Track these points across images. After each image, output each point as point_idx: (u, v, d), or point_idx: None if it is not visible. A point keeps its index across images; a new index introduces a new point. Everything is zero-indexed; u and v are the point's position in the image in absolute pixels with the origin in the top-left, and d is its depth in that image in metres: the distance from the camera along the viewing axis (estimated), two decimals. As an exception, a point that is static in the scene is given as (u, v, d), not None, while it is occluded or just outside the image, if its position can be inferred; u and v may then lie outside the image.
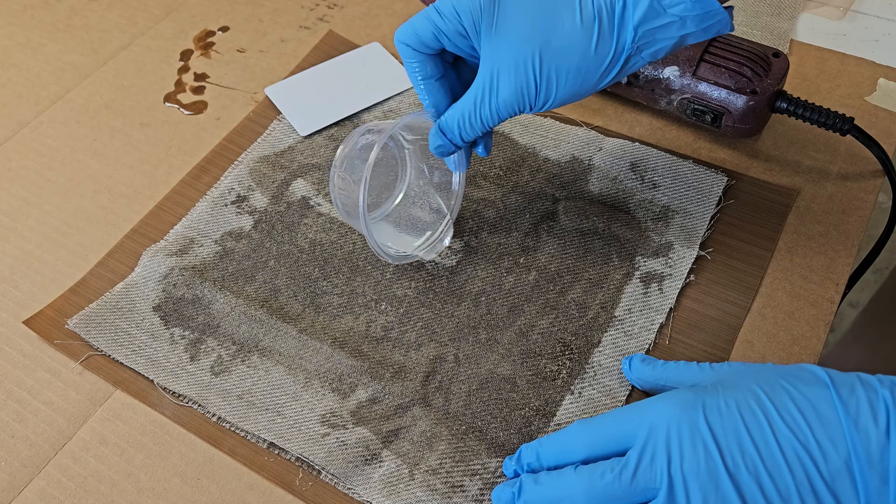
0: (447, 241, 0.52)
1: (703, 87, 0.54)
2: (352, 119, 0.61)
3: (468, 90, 0.44)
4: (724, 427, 0.36)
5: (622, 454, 0.38)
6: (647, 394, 0.46)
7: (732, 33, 0.56)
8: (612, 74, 0.42)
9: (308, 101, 0.62)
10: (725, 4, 0.42)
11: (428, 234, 0.52)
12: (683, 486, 0.35)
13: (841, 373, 0.37)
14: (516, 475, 0.42)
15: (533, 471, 0.41)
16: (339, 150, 0.49)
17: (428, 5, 0.65)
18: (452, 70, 0.47)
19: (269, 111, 0.63)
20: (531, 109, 0.44)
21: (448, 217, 0.52)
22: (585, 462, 0.39)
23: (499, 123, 0.45)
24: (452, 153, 0.48)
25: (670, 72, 0.55)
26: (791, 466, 0.34)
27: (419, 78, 0.45)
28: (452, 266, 0.52)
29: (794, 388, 0.36)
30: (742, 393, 0.37)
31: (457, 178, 0.52)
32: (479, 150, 0.48)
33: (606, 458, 0.38)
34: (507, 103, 0.43)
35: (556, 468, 0.40)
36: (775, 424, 0.35)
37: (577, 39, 0.41)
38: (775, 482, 0.34)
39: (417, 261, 0.51)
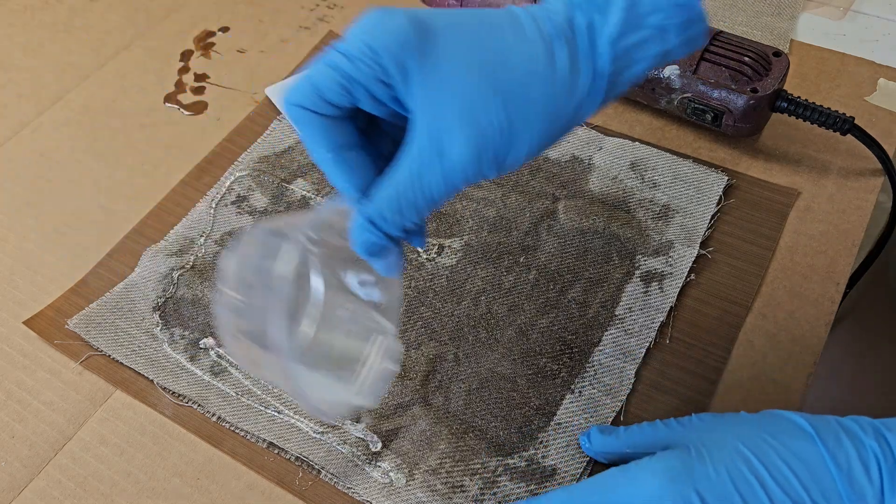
0: (394, 366, 0.38)
1: (704, 87, 0.54)
2: None
3: (398, 159, 0.32)
4: (717, 497, 0.34)
5: None
6: (647, 391, 0.46)
7: (733, 33, 0.56)
8: (589, 107, 0.33)
9: None
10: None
11: (364, 365, 0.38)
12: None
13: (818, 418, 0.36)
14: None
15: None
16: (227, 265, 0.34)
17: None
18: (365, 138, 0.34)
19: (269, 111, 0.63)
20: (495, 171, 0.32)
21: (389, 333, 0.38)
22: None
23: (451, 198, 0.33)
24: (384, 251, 0.34)
25: (671, 71, 0.55)
26: None
27: (325, 151, 0.33)
28: (452, 265, 0.52)
29: (780, 443, 0.35)
30: (730, 456, 0.35)
31: (397, 289, 0.38)
32: (416, 241, 0.35)
33: None
34: (462, 166, 0.31)
35: None
36: (770, 490, 0.34)
37: (538, 69, 0.31)
38: None
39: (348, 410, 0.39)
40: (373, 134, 0.35)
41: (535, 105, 0.32)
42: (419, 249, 0.52)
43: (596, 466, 0.43)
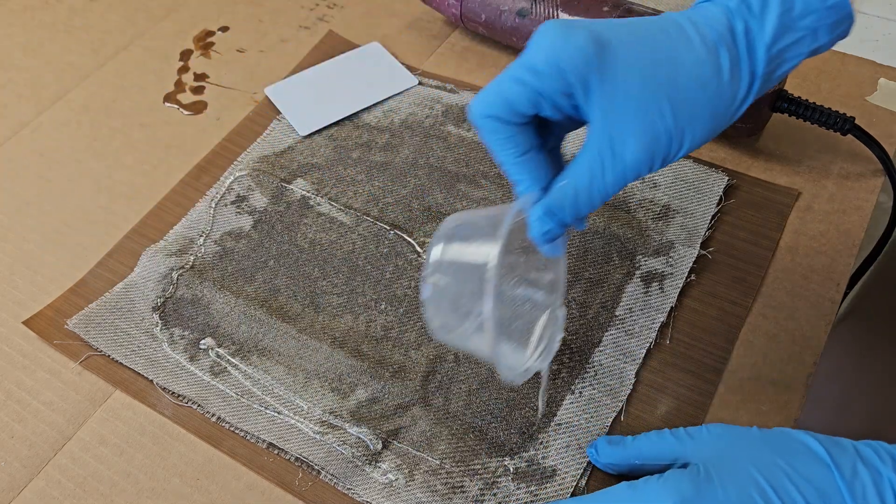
0: (560, 336, 0.42)
1: (704, 87, 0.54)
2: (351, 119, 0.61)
3: (577, 159, 0.36)
4: None
5: None
6: (647, 391, 0.46)
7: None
8: (743, 107, 0.36)
9: (308, 100, 0.62)
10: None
11: (537, 334, 0.42)
12: None
13: (834, 442, 0.35)
14: None
15: None
16: (432, 254, 0.38)
17: (451, 17, 0.64)
18: (540, 139, 0.37)
19: (268, 111, 0.63)
20: (660, 167, 0.36)
21: (557, 304, 0.42)
22: None
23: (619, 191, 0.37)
24: (559, 237, 0.38)
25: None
26: None
27: (514, 155, 0.36)
28: (452, 266, 0.52)
29: (793, 469, 0.34)
30: (741, 482, 0.34)
31: (562, 264, 0.41)
32: (580, 225, 0.38)
33: None
34: (635, 166, 0.35)
35: None
36: None
37: (704, 75, 0.34)
38: None
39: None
40: (543, 132, 0.37)
41: (701, 110, 0.34)
42: (419, 251, 0.52)
43: (596, 468, 0.43)
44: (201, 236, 0.55)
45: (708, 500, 0.34)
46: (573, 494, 0.42)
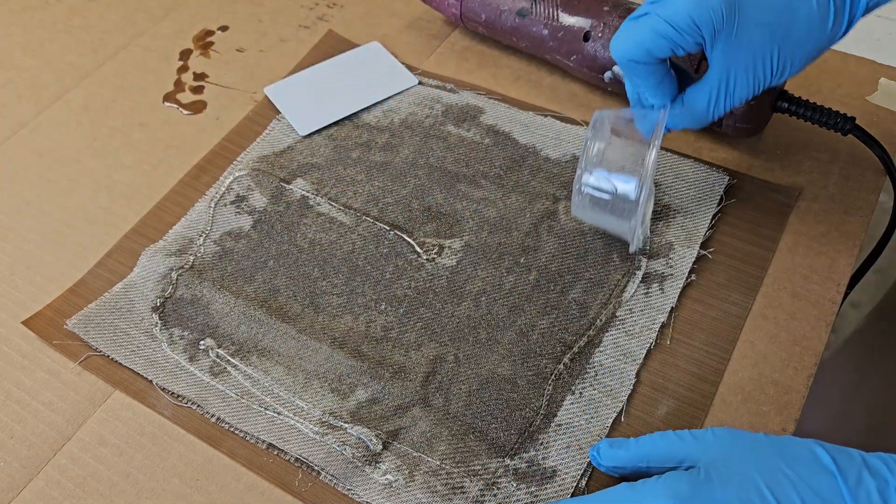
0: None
1: (704, 87, 0.54)
2: (351, 118, 0.61)
3: (697, 88, 0.45)
4: None
5: None
6: (648, 389, 0.46)
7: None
8: (833, 43, 0.44)
9: (307, 100, 0.62)
10: None
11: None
12: None
13: (842, 451, 0.35)
14: None
15: None
16: (591, 147, 0.47)
17: (451, 16, 0.64)
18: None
19: (268, 111, 0.63)
20: (758, 92, 0.45)
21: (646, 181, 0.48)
22: None
23: None
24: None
25: (671, 71, 0.55)
26: None
27: (655, 84, 0.45)
28: (452, 266, 0.52)
29: (797, 475, 0.34)
30: (741, 484, 0.34)
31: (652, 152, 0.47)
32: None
33: None
34: (742, 98, 0.44)
35: None
36: None
37: (813, 27, 0.42)
38: None
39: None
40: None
41: (803, 52, 0.43)
42: (418, 251, 0.52)
43: (598, 471, 0.43)
44: (201, 236, 0.55)
45: (705, 500, 0.34)
46: (573, 495, 0.42)
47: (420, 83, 0.63)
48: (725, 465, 0.35)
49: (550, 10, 0.59)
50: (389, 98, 0.62)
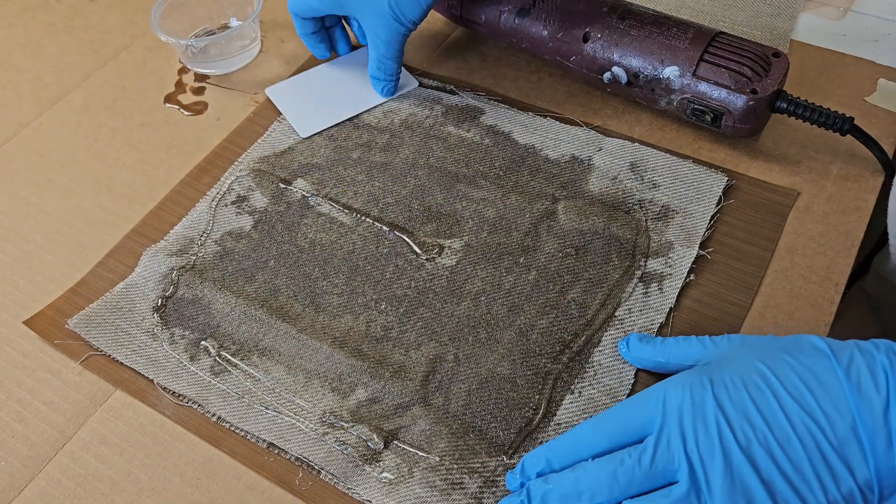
0: None
1: (703, 87, 0.54)
2: (352, 120, 0.61)
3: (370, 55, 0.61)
4: (732, 404, 0.37)
5: (638, 443, 0.39)
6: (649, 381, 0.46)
7: (732, 33, 0.56)
8: None
9: (308, 102, 0.62)
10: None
11: None
12: (701, 465, 0.36)
13: (838, 341, 0.38)
14: (522, 487, 0.41)
15: (542, 476, 0.41)
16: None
17: (451, 17, 0.66)
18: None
19: (269, 112, 0.63)
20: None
21: None
22: (598, 457, 0.40)
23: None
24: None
25: (670, 72, 0.55)
26: (800, 436, 0.36)
27: (308, 40, 0.64)
28: (452, 265, 0.52)
29: (795, 359, 0.37)
30: (746, 368, 0.38)
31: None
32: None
33: (622, 448, 0.39)
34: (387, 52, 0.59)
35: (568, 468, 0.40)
36: (781, 397, 0.36)
37: None
38: (787, 452, 0.36)
39: None
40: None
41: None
42: (418, 251, 0.52)
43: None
44: (202, 236, 0.55)
45: (715, 382, 0.38)
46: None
47: (420, 85, 0.63)
48: (733, 356, 0.40)
49: (550, 11, 0.60)
50: (389, 100, 0.62)
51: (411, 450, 0.44)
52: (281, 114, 0.62)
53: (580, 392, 0.46)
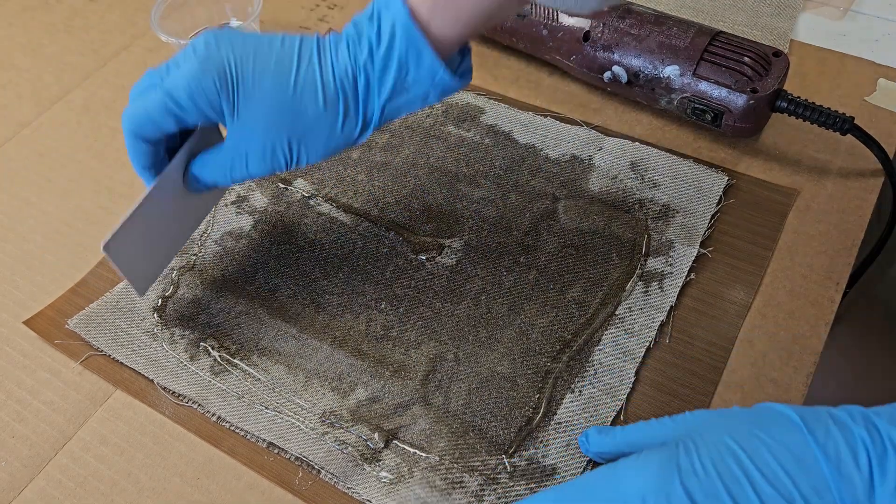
0: None
1: (704, 86, 0.54)
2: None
3: (218, 150, 0.45)
4: (704, 492, 0.34)
5: None
6: (648, 391, 0.46)
7: (733, 33, 0.56)
8: (360, 140, 0.44)
9: (141, 248, 0.47)
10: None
11: None
12: None
13: (809, 409, 0.35)
14: None
15: None
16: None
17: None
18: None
19: (269, 111, 0.63)
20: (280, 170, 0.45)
21: None
22: None
23: None
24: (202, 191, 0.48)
25: (670, 71, 0.55)
26: None
27: (143, 164, 0.45)
28: (452, 265, 0.52)
29: (768, 435, 0.34)
30: (716, 450, 0.35)
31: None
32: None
33: None
34: (259, 174, 0.44)
35: None
36: (756, 483, 0.33)
37: (322, 123, 0.42)
38: None
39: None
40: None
41: (315, 145, 0.43)
42: (412, 255, 0.52)
43: (596, 466, 0.43)
44: (201, 236, 0.55)
45: (683, 468, 0.35)
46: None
47: None
48: (700, 436, 0.36)
49: (550, 11, 0.60)
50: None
51: (411, 449, 0.44)
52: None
53: (580, 391, 0.46)
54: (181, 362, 0.48)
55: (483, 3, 0.41)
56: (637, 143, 0.58)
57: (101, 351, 0.49)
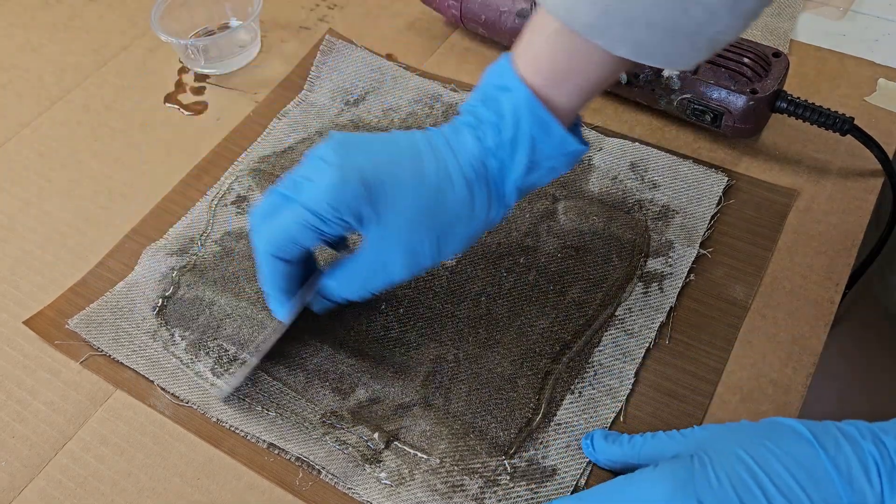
0: None
1: (703, 87, 0.54)
2: (352, 121, 0.61)
3: (353, 263, 0.43)
4: None
5: None
6: (640, 401, 0.46)
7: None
8: (494, 224, 0.44)
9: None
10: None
11: None
12: None
13: (817, 423, 0.36)
14: None
15: None
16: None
17: (451, 17, 0.63)
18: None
19: (269, 111, 0.63)
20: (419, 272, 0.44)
21: None
22: None
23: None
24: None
25: (670, 72, 0.55)
26: None
27: (282, 286, 0.44)
28: (452, 266, 0.52)
29: (780, 449, 0.35)
30: (730, 463, 0.35)
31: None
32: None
33: None
34: (399, 278, 0.43)
35: None
36: (770, 495, 0.34)
37: (463, 212, 0.41)
38: None
39: None
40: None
41: (458, 236, 0.42)
42: None
43: (596, 468, 0.43)
44: (202, 236, 0.55)
45: (699, 481, 0.35)
46: (573, 493, 0.42)
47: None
48: (714, 450, 0.37)
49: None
50: (389, 97, 0.62)
51: (412, 451, 0.44)
52: (278, 113, 0.62)
53: (580, 392, 0.46)
54: (181, 363, 0.48)
55: (603, 72, 0.40)
56: (637, 143, 0.58)
57: (101, 351, 0.49)
